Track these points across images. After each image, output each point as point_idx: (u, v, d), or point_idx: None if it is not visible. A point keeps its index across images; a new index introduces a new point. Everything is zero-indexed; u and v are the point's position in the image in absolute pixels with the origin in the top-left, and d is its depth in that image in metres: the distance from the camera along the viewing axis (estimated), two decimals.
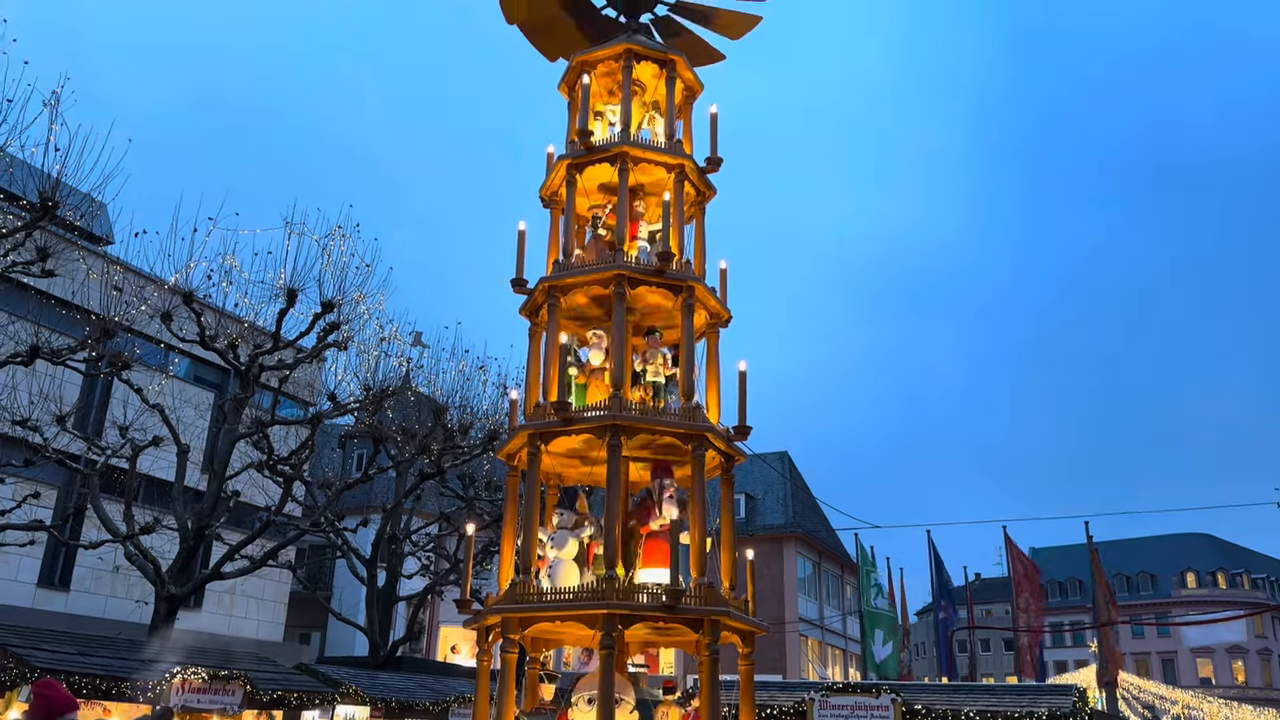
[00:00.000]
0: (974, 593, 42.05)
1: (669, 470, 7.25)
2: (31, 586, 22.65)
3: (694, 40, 9.22)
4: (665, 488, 7.11)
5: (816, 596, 44.42)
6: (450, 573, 25.03)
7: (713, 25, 9.12)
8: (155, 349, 22.17)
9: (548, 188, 8.26)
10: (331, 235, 18.50)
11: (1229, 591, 71.66)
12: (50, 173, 14.11)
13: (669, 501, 7.03)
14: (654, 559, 6.91)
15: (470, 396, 23.63)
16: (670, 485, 7.13)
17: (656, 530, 7.00)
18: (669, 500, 7.03)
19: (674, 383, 7.59)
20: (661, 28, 9.10)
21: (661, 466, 7.28)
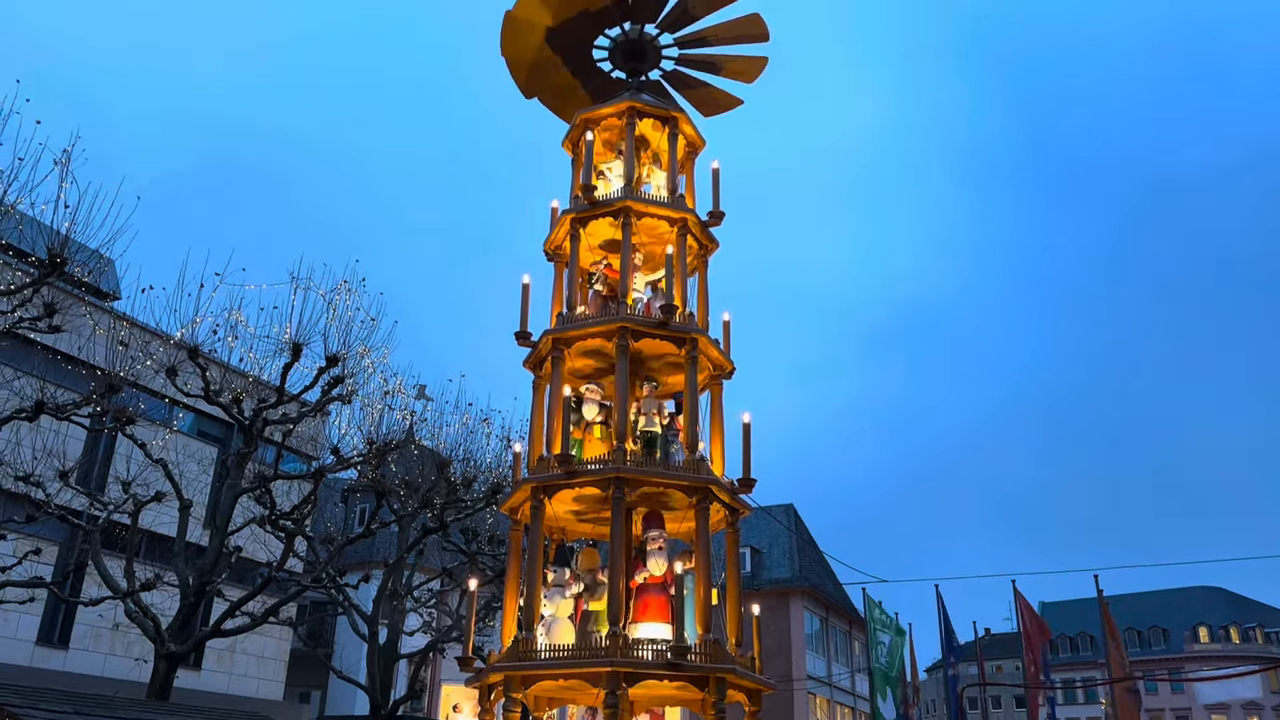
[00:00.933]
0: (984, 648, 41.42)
1: (657, 521, 7.15)
2: (30, 644, 22.41)
3: (708, 90, 9.38)
4: (653, 540, 7.00)
5: (824, 653, 43.81)
6: (452, 629, 24.73)
7: (723, 73, 9.27)
8: (160, 404, 22.19)
9: (551, 242, 8.34)
10: (337, 289, 18.61)
11: (1243, 646, 70.60)
12: (59, 229, 14.25)
13: (657, 554, 6.93)
14: (647, 613, 6.79)
15: (474, 449, 23.57)
16: (658, 537, 7.02)
17: (646, 584, 6.90)
18: (657, 553, 6.93)
19: (672, 434, 7.57)
20: (674, 81, 9.27)
21: (649, 518, 7.18)
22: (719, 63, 9.21)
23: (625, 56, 8.94)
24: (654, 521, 7.13)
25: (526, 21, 8.89)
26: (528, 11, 8.84)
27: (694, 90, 9.36)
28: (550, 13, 8.77)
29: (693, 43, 9.05)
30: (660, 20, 8.82)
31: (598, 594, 7.08)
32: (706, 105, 9.48)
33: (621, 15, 8.79)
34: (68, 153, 13.97)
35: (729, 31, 8.94)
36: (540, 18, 8.84)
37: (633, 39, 8.86)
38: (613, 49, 8.97)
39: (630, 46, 8.88)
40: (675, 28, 8.91)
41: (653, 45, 8.95)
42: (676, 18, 8.81)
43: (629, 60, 8.94)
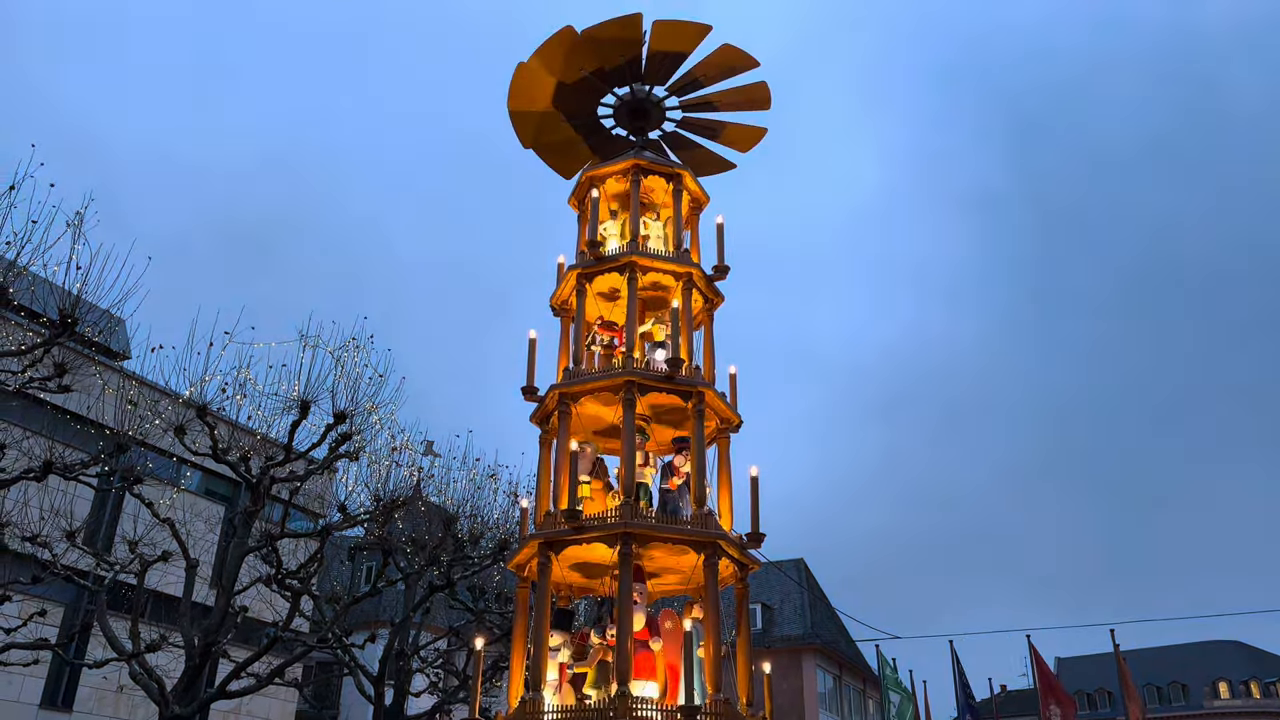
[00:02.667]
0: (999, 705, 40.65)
1: (638, 576, 7.05)
2: (34, 708, 22.15)
3: (703, 152, 9.53)
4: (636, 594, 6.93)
5: (838, 712, 43.01)
6: (459, 690, 24.39)
7: (720, 139, 9.43)
8: (168, 462, 22.19)
9: (558, 297, 8.40)
10: (345, 347, 18.68)
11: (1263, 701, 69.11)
12: (71, 290, 14.39)
13: (639, 610, 6.85)
14: (638, 671, 6.68)
15: (481, 505, 23.44)
16: (640, 592, 6.94)
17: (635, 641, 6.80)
18: (639, 609, 6.86)
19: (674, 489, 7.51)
20: (673, 142, 9.42)
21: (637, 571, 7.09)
22: (718, 128, 9.38)
23: (630, 115, 9.10)
24: (640, 576, 7.04)
25: (538, 74, 9.06)
26: (542, 63, 9.01)
27: (689, 151, 9.52)
28: (563, 68, 8.94)
29: (697, 106, 9.21)
30: (670, 83, 9.00)
31: (586, 657, 7.00)
32: (699, 166, 9.62)
33: (633, 76, 8.97)
34: (80, 214, 14.16)
35: (733, 97, 9.13)
36: (553, 72, 9.01)
37: (639, 99, 9.03)
38: (618, 107, 9.13)
39: (636, 106, 9.05)
40: (683, 92, 9.08)
41: (657, 106, 9.11)
42: (686, 83, 9.00)
43: (633, 119, 9.10)
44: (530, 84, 9.13)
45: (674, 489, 7.46)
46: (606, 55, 8.78)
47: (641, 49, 8.72)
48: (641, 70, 8.90)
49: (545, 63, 8.97)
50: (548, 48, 8.89)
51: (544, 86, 9.10)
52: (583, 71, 8.88)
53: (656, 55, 8.76)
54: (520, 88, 9.19)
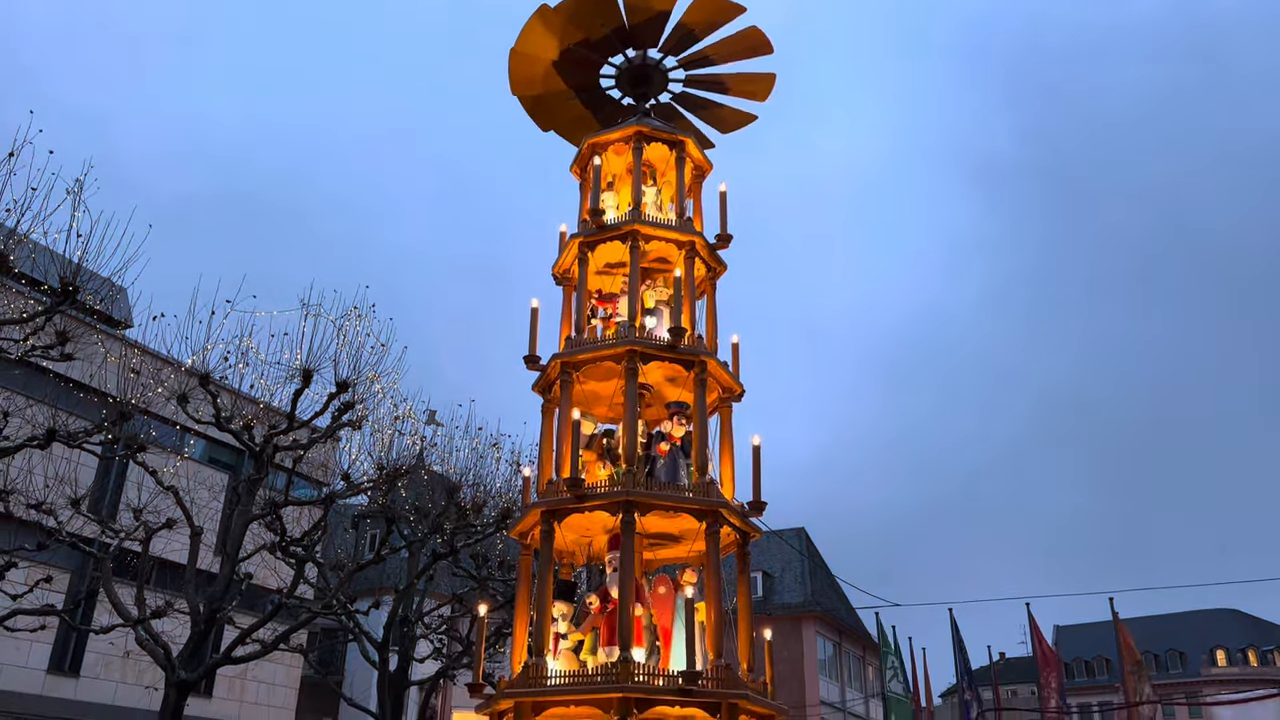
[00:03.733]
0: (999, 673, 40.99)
1: (618, 544, 7.08)
2: (42, 673, 22.39)
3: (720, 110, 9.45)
4: (612, 563, 6.96)
5: (838, 678, 43.41)
6: (463, 655, 24.61)
7: (732, 92, 9.36)
8: (171, 431, 22.25)
9: (560, 265, 8.37)
10: (347, 316, 18.67)
11: (1261, 669, 69.70)
12: (72, 258, 14.37)
13: (612, 577, 6.89)
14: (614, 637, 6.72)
15: (483, 474, 23.53)
16: (613, 559, 6.96)
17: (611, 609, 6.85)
18: (612, 575, 6.90)
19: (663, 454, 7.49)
20: (685, 103, 9.36)
21: (614, 539, 7.12)
22: (727, 82, 9.27)
23: (631, 82, 9.01)
24: (617, 545, 7.06)
25: (531, 56, 8.98)
26: (530, 46, 8.92)
27: (706, 110, 9.43)
28: (552, 45, 8.85)
29: (697, 63, 9.10)
30: (662, 44, 8.88)
31: (581, 624, 7.06)
32: (720, 124, 9.54)
33: (622, 42, 8.87)
34: (80, 181, 14.11)
35: (731, 47, 8.99)
36: (544, 51, 8.92)
37: (636, 65, 8.93)
38: (618, 76, 9.05)
39: (635, 72, 8.96)
40: (678, 50, 8.97)
41: (658, 70, 9.01)
42: (678, 40, 8.86)
43: (635, 86, 9.01)
44: (525, 66, 9.05)
45: (663, 454, 7.44)
46: (588, 25, 8.67)
47: (619, 13, 8.61)
48: (628, 34, 8.79)
49: (533, 45, 8.90)
50: (529, 31, 8.80)
51: (540, 66, 9.02)
52: (567, 45, 8.80)
53: (638, 16, 8.64)
54: (517, 71, 9.11)
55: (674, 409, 7.67)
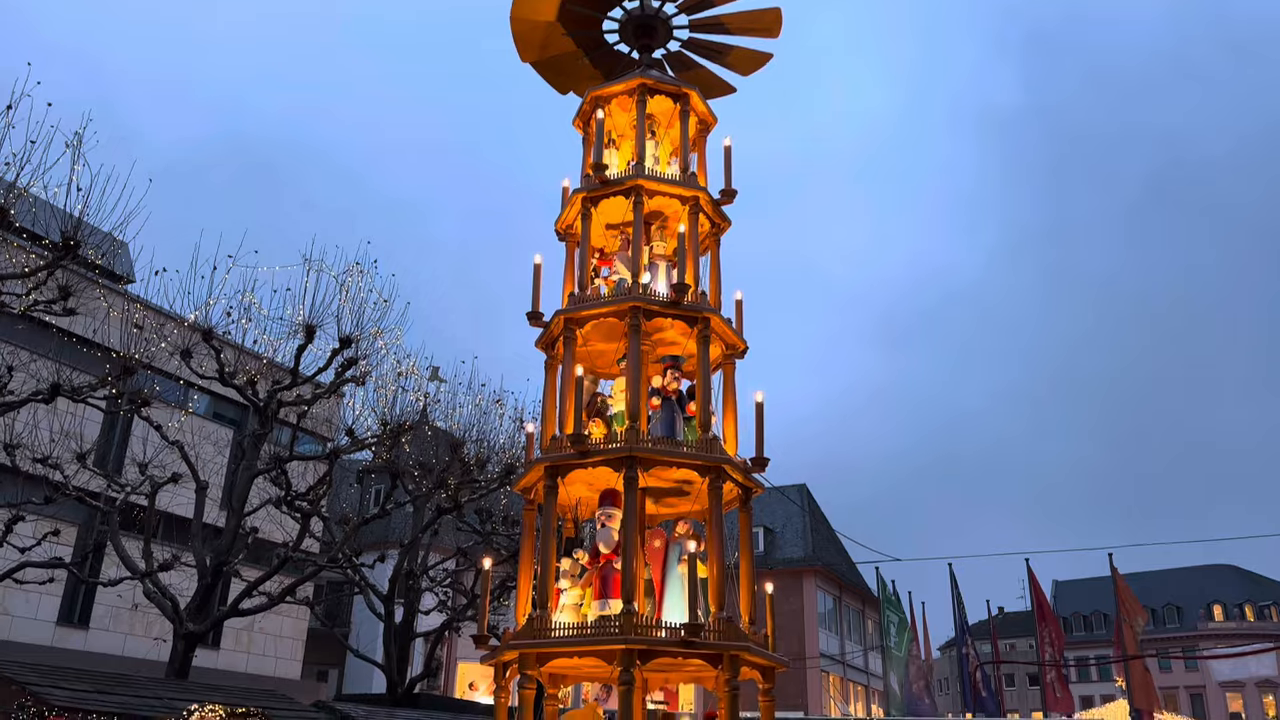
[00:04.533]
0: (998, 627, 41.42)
1: (612, 499, 7.13)
2: (51, 625, 22.68)
3: (705, 73, 9.30)
4: (603, 517, 6.99)
5: (838, 631, 43.91)
6: (468, 608, 24.88)
7: (724, 61, 9.20)
8: (175, 386, 22.31)
9: (563, 221, 8.31)
10: (349, 271, 18.63)
11: (1257, 624, 70.41)
12: (72, 212, 14.30)
13: (603, 532, 6.93)
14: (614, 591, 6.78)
15: (487, 430, 23.62)
16: (612, 515, 7.00)
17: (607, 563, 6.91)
18: (602, 531, 6.94)
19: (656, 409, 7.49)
20: (674, 62, 9.19)
21: (605, 495, 7.16)
22: (724, 50, 9.13)
23: (635, 34, 8.85)
24: (608, 499, 7.09)
25: (530, 20, 8.80)
26: (527, 10, 8.75)
27: (721, 56, 9.27)
28: (551, 4, 8.68)
29: (706, 26, 8.96)
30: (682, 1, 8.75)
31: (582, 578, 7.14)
32: (737, 66, 9.36)
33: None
34: (79, 135, 13.99)
35: (744, 21, 8.86)
36: (542, 13, 8.74)
37: (637, 15, 8.77)
38: (624, 23, 8.87)
39: (637, 23, 8.79)
40: (694, 10, 8.82)
41: (664, 23, 8.86)
42: (697, 1, 8.74)
43: (639, 37, 8.85)
44: (529, 32, 8.86)
45: (655, 409, 7.45)
46: None
47: None
48: None
49: (529, 9, 8.72)
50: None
51: (541, 30, 8.85)
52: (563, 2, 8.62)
53: None
54: (523, 39, 8.91)
55: (668, 363, 7.65)
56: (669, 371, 7.59)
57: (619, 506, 7.02)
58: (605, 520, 6.97)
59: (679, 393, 7.72)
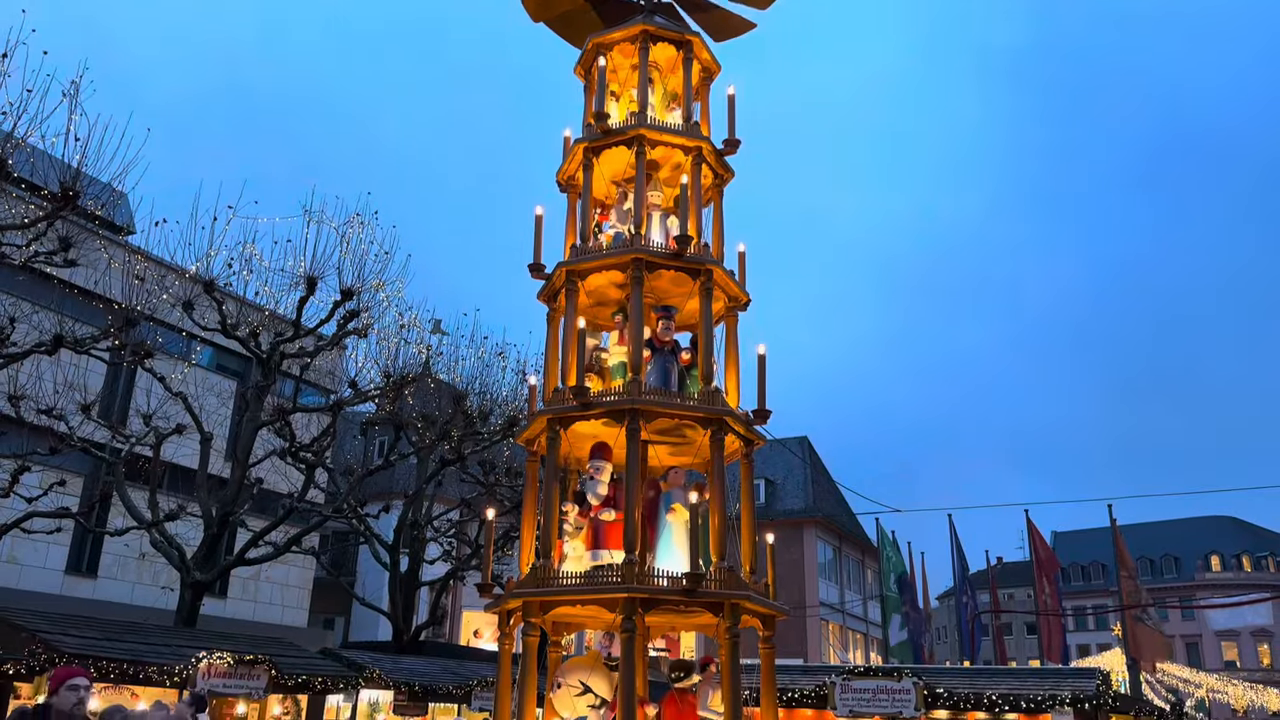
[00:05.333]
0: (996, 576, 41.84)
1: (603, 452, 7.16)
2: (59, 573, 22.95)
3: (720, 13, 9.11)
4: (593, 470, 7.02)
5: (837, 581, 44.40)
6: (472, 558, 25.15)
7: (703, 21, 8.97)
8: (177, 338, 22.34)
9: (564, 172, 8.23)
10: (350, 223, 18.58)
11: (1254, 575, 71.08)
12: (70, 163, 14.21)
13: (592, 485, 6.98)
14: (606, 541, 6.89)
15: (489, 383, 23.71)
16: (602, 468, 7.04)
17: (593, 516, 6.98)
18: (591, 483, 6.98)
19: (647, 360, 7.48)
20: (685, 3, 9.00)
21: (596, 448, 7.19)
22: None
23: None
24: (598, 452, 7.14)
25: None
26: None
27: (705, 13, 9.08)
28: None
29: None
30: None
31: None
32: (718, 29, 9.18)
33: None
34: (76, 84, 13.86)
35: None
36: None
37: None
38: None
39: None
40: None
41: None
42: None
43: None
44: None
45: (647, 360, 7.46)
46: None
47: None
48: None
49: None
50: None
51: None
52: None
53: None
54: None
55: (660, 313, 7.63)
56: (661, 322, 7.56)
57: (607, 459, 7.08)
58: (594, 473, 7.02)
59: (674, 343, 7.72)
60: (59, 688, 5.93)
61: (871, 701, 16.65)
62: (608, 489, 7.02)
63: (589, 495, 7.02)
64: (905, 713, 16.33)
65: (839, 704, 16.77)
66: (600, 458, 7.11)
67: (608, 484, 7.03)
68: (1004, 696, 16.39)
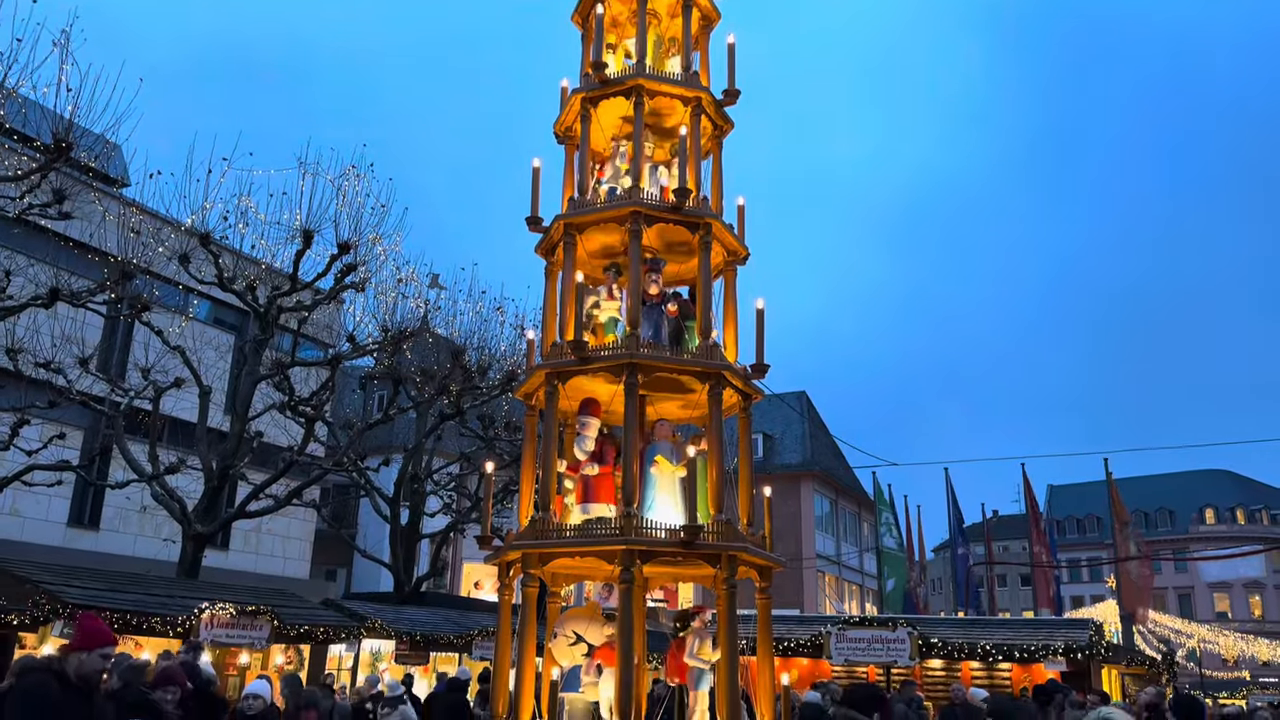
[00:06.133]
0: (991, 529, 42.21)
1: (591, 408, 7.17)
2: (62, 526, 23.11)
3: None
4: (581, 425, 7.04)
5: (834, 533, 44.77)
6: (472, 511, 25.32)
7: None
8: (174, 291, 22.26)
9: (561, 123, 8.13)
10: (345, 175, 18.42)
11: (1248, 527, 71.68)
12: (63, 114, 14.04)
13: (579, 440, 7.00)
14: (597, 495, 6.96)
15: (488, 338, 23.70)
16: (586, 424, 7.05)
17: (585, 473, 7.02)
18: (579, 439, 7.01)
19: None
20: None
21: (584, 404, 7.21)
22: None
23: None
24: (586, 408, 7.15)
25: None
26: None
27: None
28: None
29: None
30: None
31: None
32: None
33: None
34: (66, 33, 13.65)
35: None
36: None
37: None
38: None
39: None
40: None
41: None
42: None
43: None
44: None
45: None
46: None
47: None
48: None
49: None
50: None
51: None
52: None
53: None
54: None
55: (648, 266, 7.59)
56: (649, 275, 7.51)
57: (595, 415, 7.13)
58: (581, 429, 7.04)
59: (662, 295, 7.69)
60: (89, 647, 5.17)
61: (866, 651, 16.88)
62: (594, 444, 7.06)
63: (576, 450, 7.05)
64: (900, 662, 16.58)
65: (834, 653, 17.00)
66: (587, 414, 7.14)
67: (594, 440, 7.07)
68: (997, 646, 16.62)
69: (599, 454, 7.07)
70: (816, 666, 17.73)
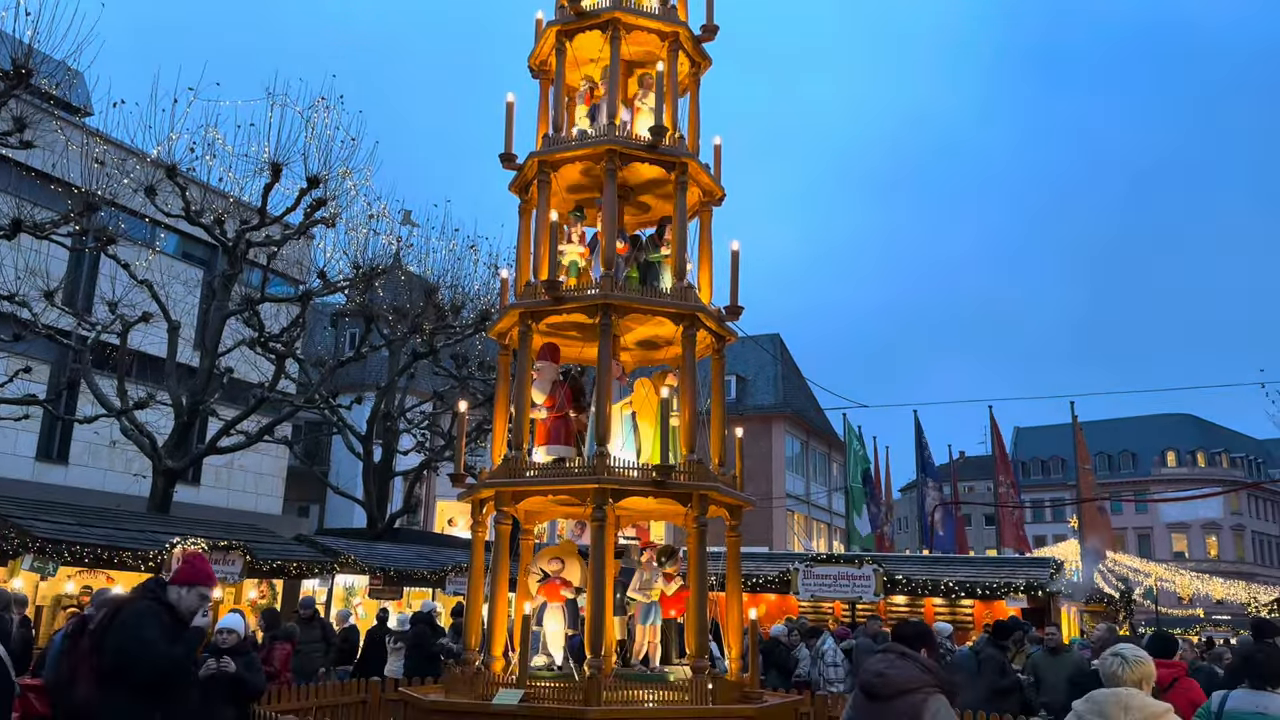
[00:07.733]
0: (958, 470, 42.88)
1: (550, 353, 7.20)
2: (30, 460, 22.94)
3: None
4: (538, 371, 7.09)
5: (803, 473, 45.30)
6: (445, 449, 25.34)
7: None
8: (141, 224, 21.84)
9: (536, 56, 7.98)
10: (314, 107, 18.01)
11: (1208, 470, 73.18)
12: (21, 39, 13.60)
13: (539, 384, 7.03)
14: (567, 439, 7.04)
15: (461, 276, 23.50)
16: (543, 368, 7.08)
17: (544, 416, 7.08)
18: (538, 382, 7.03)
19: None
20: None
21: (544, 349, 7.21)
22: None
23: None
24: (545, 353, 7.15)
25: None
26: None
27: None
28: None
29: None
30: None
31: None
32: None
33: None
34: None
35: None
36: None
37: None
38: None
39: None
40: None
41: None
42: None
43: None
44: None
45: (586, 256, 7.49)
46: None
47: None
48: None
49: None
50: None
51: None
52: None
53: None
54: None
55: None
56: None
57: (553, 360, 7.18)
58: (537, 374, 7.04)
59: (635, 237, 7.68)
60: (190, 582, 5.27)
61: (832, 587, 17.21)
62: (549, 388, 7.07)
63: (534, 392, 7.04)
64: (865, 598, 16.92)
65: (801, 589, 17.33)
66: (545, 358, 7.14)
67: (550, 384, 7.08)
68: (960, 584, 16.99)
69: (554, 400, 7.09)
70: (784, 602, 18.09)
